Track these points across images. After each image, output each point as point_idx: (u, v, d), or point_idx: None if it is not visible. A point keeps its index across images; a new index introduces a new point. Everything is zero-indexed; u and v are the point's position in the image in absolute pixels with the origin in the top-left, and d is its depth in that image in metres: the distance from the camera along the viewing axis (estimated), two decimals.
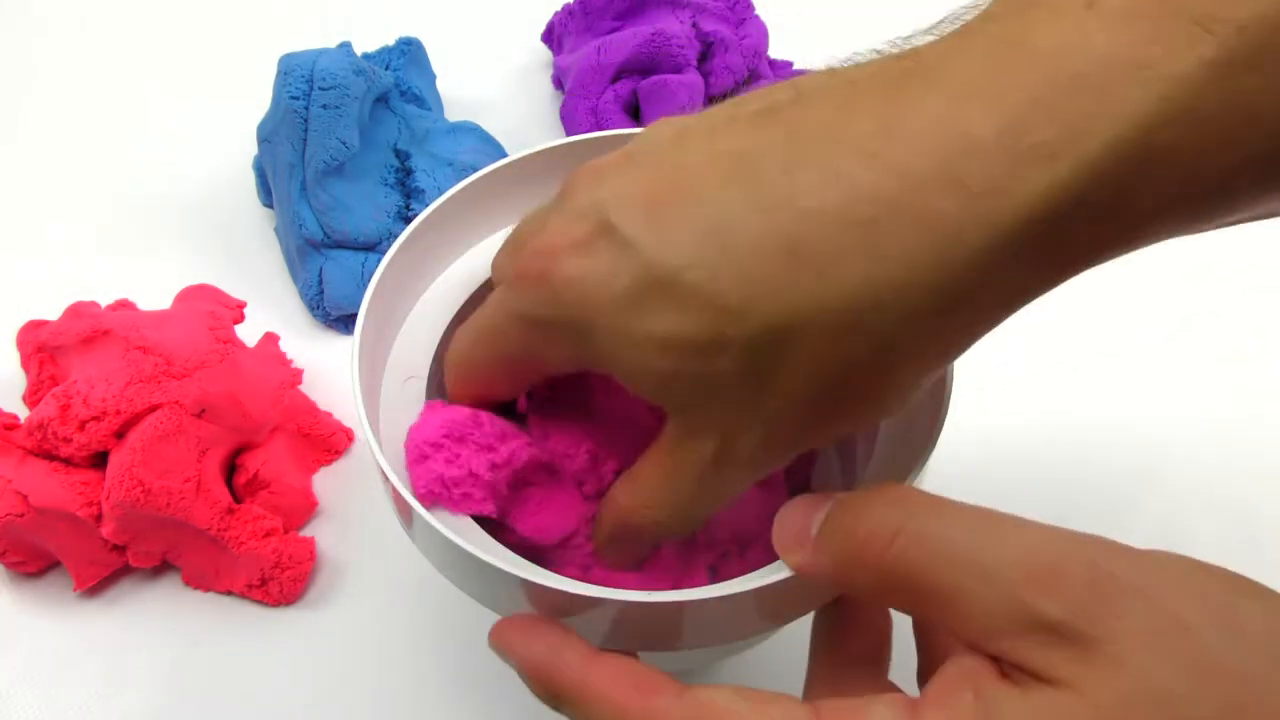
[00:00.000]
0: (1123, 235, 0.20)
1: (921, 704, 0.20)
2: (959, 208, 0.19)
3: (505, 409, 0.30)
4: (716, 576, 0.29)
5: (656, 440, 0.25)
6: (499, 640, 0.25)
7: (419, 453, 0.27)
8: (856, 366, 0.21)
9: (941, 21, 0.22)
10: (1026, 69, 0.19)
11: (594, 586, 0.25)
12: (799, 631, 0.28)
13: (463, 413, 0.28)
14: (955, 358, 0.23)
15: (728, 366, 0.21)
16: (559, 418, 0.29)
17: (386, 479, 0.26)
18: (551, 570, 0.29)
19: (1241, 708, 0.18)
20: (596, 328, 0.22)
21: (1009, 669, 0.20)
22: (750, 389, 0.22)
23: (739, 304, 0.21)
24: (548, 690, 0.23)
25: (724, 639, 0.27)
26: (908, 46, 0.22)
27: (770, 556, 0.25)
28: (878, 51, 0.23)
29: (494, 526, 0.28)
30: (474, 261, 0.32)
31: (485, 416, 0.28)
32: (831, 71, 0.22)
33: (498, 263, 0.27)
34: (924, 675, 0.25)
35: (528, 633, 0.24)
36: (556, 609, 0.25)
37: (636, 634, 0.25)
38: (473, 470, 0.27)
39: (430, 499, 0.27)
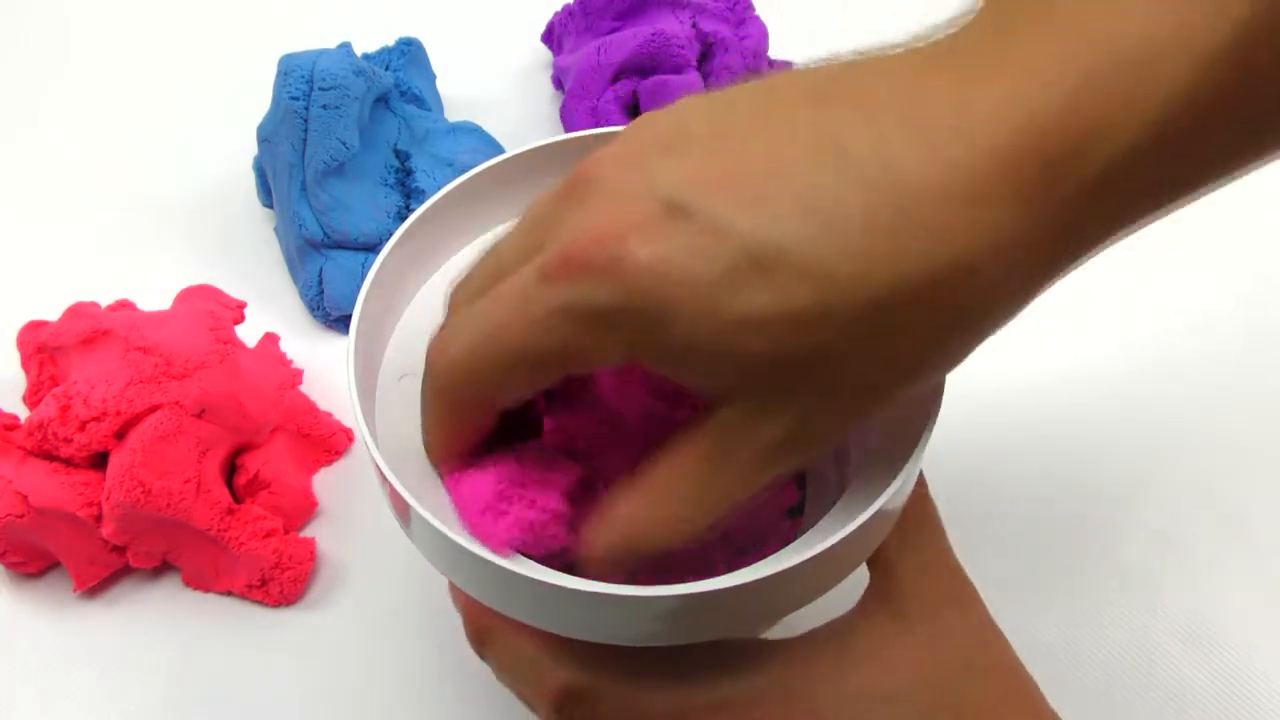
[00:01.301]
0: (1182, 186, 0.23)
1: None
2: (1042, 176, 0.21)
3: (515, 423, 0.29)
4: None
5: (682, 437, 0.24)
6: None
7: (495, 511, 0.27)
8: (955, 327, 0.23)
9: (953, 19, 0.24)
10: (1075, 50, 0.21)
11: (590, 582, 0.24)
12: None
13: (505, 459, 0.27)
14: (1028, 304, 0.24)
15: (828, 339, 0.22)
16: (580, 420, 0.28)
17: (384, 477, 0.26)
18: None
19: None
20: (678, 314, 0.21)
21: None
22: (844, 361, 0.22)
23: (847, 277, 0.21)
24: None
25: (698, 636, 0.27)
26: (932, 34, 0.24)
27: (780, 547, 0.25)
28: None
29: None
30: (470, 259, 0.32)
31: (516, 454, 0.27)
32: (857, 58, 0.24)
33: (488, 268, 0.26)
34: None
35: None
36: (557, 604, 0.25)
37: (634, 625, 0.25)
38: (555, 510, 0.27)
39: (515, 547, 0.26)
